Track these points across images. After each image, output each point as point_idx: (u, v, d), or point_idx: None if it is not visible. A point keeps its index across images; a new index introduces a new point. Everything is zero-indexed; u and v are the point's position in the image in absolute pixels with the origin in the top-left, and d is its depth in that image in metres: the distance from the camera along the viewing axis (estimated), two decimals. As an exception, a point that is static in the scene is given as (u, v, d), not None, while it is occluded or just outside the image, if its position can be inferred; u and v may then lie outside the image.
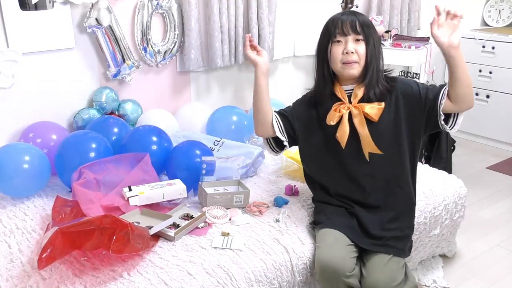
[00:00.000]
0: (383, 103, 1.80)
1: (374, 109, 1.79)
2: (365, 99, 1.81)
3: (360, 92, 1.82)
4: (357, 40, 1.77)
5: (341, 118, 1.82)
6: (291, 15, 3.31)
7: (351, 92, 1.84)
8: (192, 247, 1.79)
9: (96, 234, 1.60)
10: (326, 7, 3.37)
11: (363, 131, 1.80)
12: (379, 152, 1.80)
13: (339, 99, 1.85)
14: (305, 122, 1.93)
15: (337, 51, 1.79)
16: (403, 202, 1.88)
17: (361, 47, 1.77)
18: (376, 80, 1.80)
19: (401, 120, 1.82)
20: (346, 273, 1.69)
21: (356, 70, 1.79)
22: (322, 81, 1.87)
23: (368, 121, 1.80)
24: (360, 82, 1.82)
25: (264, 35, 3.02)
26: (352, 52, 1.76)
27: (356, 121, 1.80)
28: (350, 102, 1.83)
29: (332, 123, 1.83)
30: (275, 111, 1.97)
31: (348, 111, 1.81)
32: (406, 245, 1.85)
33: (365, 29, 1.77)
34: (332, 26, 1.79)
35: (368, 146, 1.80)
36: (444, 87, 1.77)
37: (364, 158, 1.82)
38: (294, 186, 2.24)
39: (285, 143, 1.96)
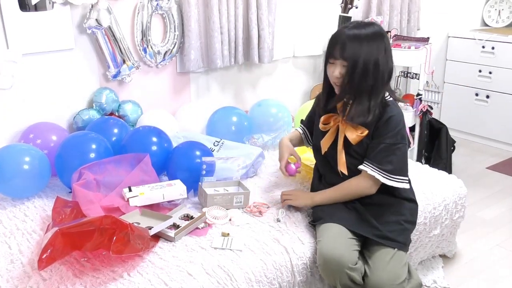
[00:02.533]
0: (366, 132, 1.84)
1: (353, 135, 1.85)
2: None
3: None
4: (344, 65, 1.80)
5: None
6: (290, 16, 3.32)
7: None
8: (192, 248, 1.79)
9: (96, 235, 1.60)
10: (325, 7, 3.37)
11: (341, 150, 1.90)
12: (346, 173, 1.90)
13: (336, 110, 1.92)
14: (317, 118, 2.02)
15: (329, 71, 1.86)
16: (386, 197, 1.89)
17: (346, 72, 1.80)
18: (365, 106, 1.80)
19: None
20: (349, 265, 1.70)
21: None
22: (325, 94, 1.94)
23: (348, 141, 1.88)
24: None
25: (264, 36, 3.02)
26: (337, 77, 1.82)
27: (339, 136, 1.90)
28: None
29: (323, 130, 1.96)
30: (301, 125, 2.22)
31: (337, 124, 1.90)
32: (407, 239, 1.88)
33: (353, 54, 1.76)
34: (329, 46, 1.83)
35: (341, 164, 1.90)
36: (374, 170, 1.82)
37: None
38: (294, 164, 2.16)
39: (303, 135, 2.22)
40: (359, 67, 1.76)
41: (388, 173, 1.81)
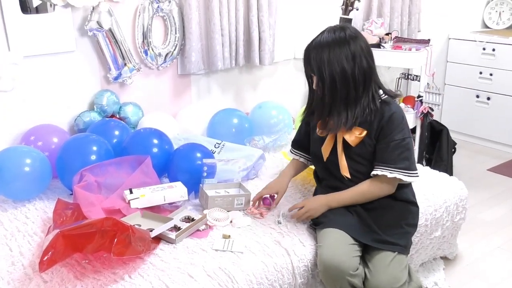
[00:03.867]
0: (364, 132, 1.82)
1: (352, 137, 1.84)
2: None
3: None
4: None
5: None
6: (291, 18, 3.32)
7: None
8: (193, 250, 1.79)
9: (97, 237, 1.60)
10: (326, 9, 3.37)
11: (341, 153, 1.88)
12: (348, 176, 1.88)
13: None
14: (313, 126, 2.00)
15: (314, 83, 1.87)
16: (388, 200, 1.88)
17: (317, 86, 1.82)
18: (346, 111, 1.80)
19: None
20: (350, 271, 1.70)
21: None
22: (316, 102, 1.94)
23: (348, 143, 1.86)
24: None
25: (264, 38, 3.03)
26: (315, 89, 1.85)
27: (338, 141, 1.88)
28: None
29: (321, 135, 1.93)
30: (292, 148, 2.18)
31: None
32: (408, 242, 1.87)
33: (318, 68, 1.77)
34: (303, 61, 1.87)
35: (343, 169, 1.88)
36: (394, 172, 1.80)
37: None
38: (270, 196, 2.15)
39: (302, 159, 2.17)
40: (325, 79, 1.77)
41: (406, 170, 1.80)
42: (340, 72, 1.74)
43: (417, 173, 1.84)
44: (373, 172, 1.83)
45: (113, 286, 1.58)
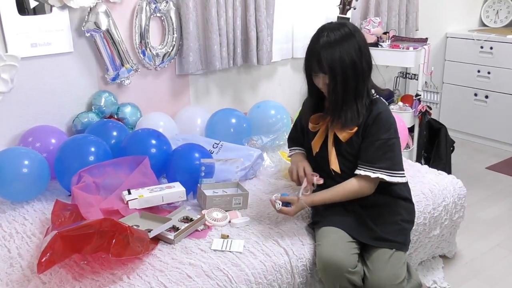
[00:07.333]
0: (355, 128, 1.83)
1: (343, 133, 1.84)
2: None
3: None
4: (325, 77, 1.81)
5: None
6: (289, 17, 3.32)
7: None
8: (192, 250, 1.79)
9: (96, 238, 1.60)
10: (324, 8, 3.37)
11: (331, 148, 1.88)
12: (338, 171, 1.88)
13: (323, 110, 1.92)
14: (307, 120, 2.01)
15: (315, 81, 1.86)
16: (384, 197, 1.88)
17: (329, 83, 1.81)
18: (347, 109, 1.80)
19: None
20: (349, 269, 1.70)
21: None
22: (310, 98, 1.97)
23: (339, 139, 1.86)
24: None
25: (262, 38, 3.02)
26: (323, 87, 1.84)
27: (329, 135, 1.89)
28: None
29: (312, 130, 1.94)
30: (289, 147, 2.19)
31: (327, 123, 1.89)
32: (405, 239, 1.87)
33: (330, 66, 1.76)
34: (306, 59, 1.86)
35: (332, 163, 1.88)
36: (377, 171, 1.80)
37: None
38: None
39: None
40: (338, 75, 1.76)
41: (389, 170, 1.80)
42: (351, 65, 1.75)
43: (403, 174, 1.84)
44: (357, 172, 1.84)
45: (111, 287, 1.58)
